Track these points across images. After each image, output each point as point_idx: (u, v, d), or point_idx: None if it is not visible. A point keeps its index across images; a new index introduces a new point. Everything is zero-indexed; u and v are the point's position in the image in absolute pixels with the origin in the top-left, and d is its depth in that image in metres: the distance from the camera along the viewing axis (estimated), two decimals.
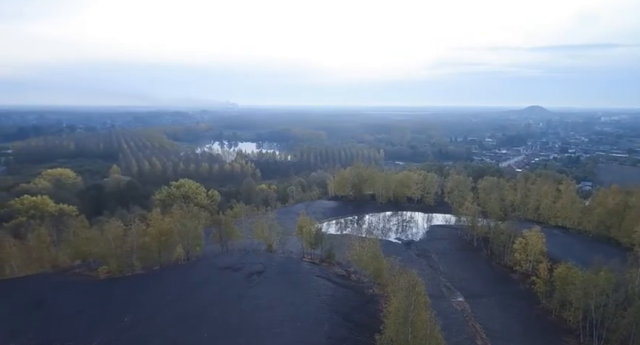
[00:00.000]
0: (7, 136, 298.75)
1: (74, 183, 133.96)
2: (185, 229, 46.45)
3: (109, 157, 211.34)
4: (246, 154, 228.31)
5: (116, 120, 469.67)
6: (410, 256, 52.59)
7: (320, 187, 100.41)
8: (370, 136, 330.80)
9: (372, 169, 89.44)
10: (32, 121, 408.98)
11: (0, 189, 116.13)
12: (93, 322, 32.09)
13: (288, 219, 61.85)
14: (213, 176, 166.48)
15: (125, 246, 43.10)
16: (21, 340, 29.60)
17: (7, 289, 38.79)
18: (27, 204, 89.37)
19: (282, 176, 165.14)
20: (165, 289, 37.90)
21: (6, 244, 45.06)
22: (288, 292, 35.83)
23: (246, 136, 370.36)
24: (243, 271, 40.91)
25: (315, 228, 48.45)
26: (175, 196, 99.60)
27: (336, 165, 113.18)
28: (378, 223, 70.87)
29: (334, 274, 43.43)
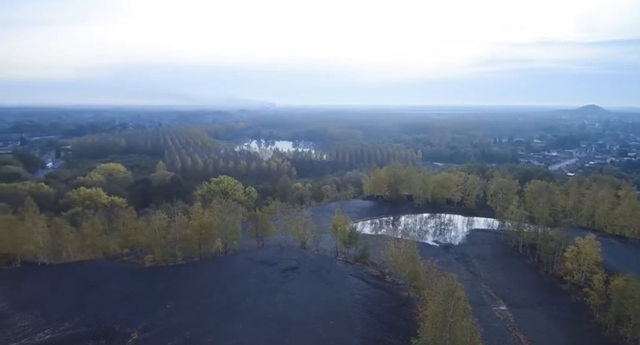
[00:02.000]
0: (66, 133, 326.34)
1: (124, 177, 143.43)
2: (224, 224, 48.04)
3: (156, 153, 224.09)
4: (282, 153, 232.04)
5: (163, 119, 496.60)
6: (448, 260, 50.64)
7: (355, 187, 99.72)
8: (408, 136, 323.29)
9: (409, 169, 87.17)
10: (89, 120, 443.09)
11: (60, 181, 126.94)
12: (138, 306, 34.06)
13: (322, 217, 61.99)
14: (250, 174, 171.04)
15: (168, 237, 45.37)
16: (75, 319, 32.06)
17: (65, 272, 42.26)
18: (83, 195, 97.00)
19: (317, 175, 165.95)
20: (204, 279, 39.37)
21: (64, 231, 49.12)
22: (321, 290, 35.82)
23: (283, 135, 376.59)
24: (277, 267, 41.52)
25: (349, 227, 48.12)
26: (215, 191, 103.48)
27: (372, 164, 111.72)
28: (415, 224, 68.99)
29: (368, 274, 42.82)
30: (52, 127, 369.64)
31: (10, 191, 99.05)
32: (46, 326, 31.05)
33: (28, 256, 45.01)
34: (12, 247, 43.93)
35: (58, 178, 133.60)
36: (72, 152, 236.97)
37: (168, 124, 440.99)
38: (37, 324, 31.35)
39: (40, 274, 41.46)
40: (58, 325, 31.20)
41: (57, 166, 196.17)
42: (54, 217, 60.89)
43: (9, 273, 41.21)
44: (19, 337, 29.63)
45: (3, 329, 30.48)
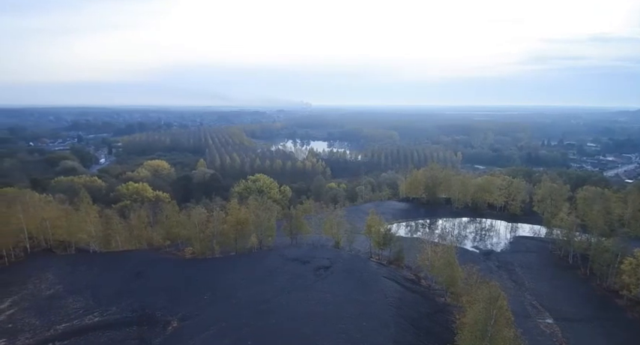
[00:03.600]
0: (118, 131, 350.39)
1: (168, 173, 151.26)
2: (259, 220, 49.03)
3: (197, 151, 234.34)
4: (317, 153, 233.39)
5: (204, 118, 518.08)
6: (489, 267, 48.19)
7: (390, 188, 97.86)
8: (447, 138, 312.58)
9: (447, 172, 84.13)
10: (138, 119, 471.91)
11: (111, 176, 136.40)
12: (178, 295, 35.61)
13: (356, 218, 61.46)
14: (285, 173, 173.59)
15: (207, 231, 47.05)
16: (122, 304, 34.14)
17: (113, 260, 45.16)
18: (131, 189, 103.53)
19: (351, 175, 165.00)
20: (240, 273, 40.36)
21: (113, 222, 52.62)
22: (354, 290, 35.39)
23: (318, 135, 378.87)
24: (311, 265, 41.62)
25: (384, 228, 47.22)
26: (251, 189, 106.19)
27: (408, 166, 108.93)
28: (453, 228, 66.36)
29: (403, 278, 41.77)
30: (105, 125, 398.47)
31: (67, 184, 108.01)
32: (96, 309, 33.33)
33: (82, 243, 48.66)
34: (68, 235, 47.76)
35: (110, 173, 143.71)
36: (122, 149, 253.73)
37: (209, 123, 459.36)
38: (88, 307, 33.74)
39: (92, 260, 44.59)
40: (106, 309, 33.37)
41: (109, 162, 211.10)
42: (105, 208, 65.31)
43: (65, 258, 44.75)
44: (71, 318, 32.06)
45: (58, 310, 33.13)
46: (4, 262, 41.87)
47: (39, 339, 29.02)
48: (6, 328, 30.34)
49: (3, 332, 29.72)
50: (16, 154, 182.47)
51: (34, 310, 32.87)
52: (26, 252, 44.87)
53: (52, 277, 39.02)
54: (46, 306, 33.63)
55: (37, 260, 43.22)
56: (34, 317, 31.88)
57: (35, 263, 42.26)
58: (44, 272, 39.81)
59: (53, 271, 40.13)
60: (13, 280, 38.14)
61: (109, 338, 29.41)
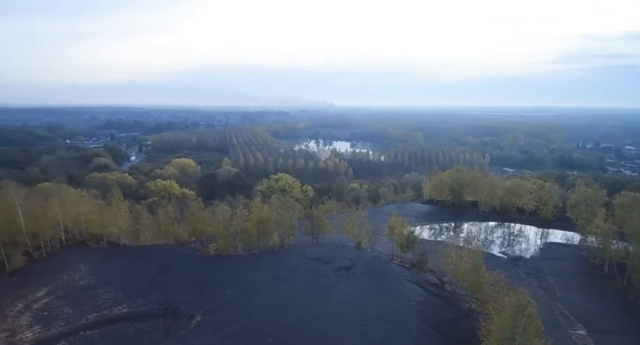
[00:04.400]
0: (147, 130, 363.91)
1: (194, 171, 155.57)
2: (281, 219, 49.44)
3: (222, 150, 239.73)
4: (339, 153, 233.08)
5: (230, 118, 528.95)
6: (517, 274, 46.27)
7: (414, 190, 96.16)
8: (474, 139, 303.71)
9: (474, 174, 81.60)
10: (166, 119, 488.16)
11: (140, 173, 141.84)
12: (202, 290, 36.46)
13: (378, 219, 60.71)
14: (308, 172, 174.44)
15: (231, 228, 47.93)
16: (149, 297, 35.34)
17: (141, 253, 46.88)
18: (159, 186, 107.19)
19: (374, 176, 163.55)
20: (262, 271, 40.83)
21: (142, 217, 54.66)
22: (375, 292, 34.98)
23: (341, 136, 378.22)
24: (332, 265, 41.50)
25: (407, 230, 46.46)
26: (274, 188, 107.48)
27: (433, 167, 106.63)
28: (479, 233, 64.35)
29: (426, 281, 40.87)
30: (137, 124, 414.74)
31: (100, 180, 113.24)
32: (125, 301, 34.67)
33: (113, 237, 50.80)
34: (100, 229, 50.00)
35: (139, 170, 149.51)
36: (151, 147, 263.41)
37: (234, 123, 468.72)
38: (117, 298, 35.15)
39: (122, 254, 46.45)
40: (134, 300, 34.65)
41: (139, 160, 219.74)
42: (135, 204, 67.92)
43: (97, 251, 46.87)
44: (102, 308, 33.51)
45: (89, 300, 34.72)
46: (41, 253, 44.38)
47: (72, 327, 30.51)
48: (42, 315, 32.11)
49: (39, 320, 31.47)
50: (55, 151, 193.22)
51: (68, 300, 34.61)
52: (62, 244, 47.34)
53: (84, 268, 40.96)
54: (78, 296, 35.34)
55: (71, 252, 45.50)
56: (67, 306, 33.56)
57: (70, 255, 44.51)
58: (78, 264, 41.84)
59: (86, 263, 42.12)
60: (49, 270, 40.33)
61: (137, 329, 30.52)
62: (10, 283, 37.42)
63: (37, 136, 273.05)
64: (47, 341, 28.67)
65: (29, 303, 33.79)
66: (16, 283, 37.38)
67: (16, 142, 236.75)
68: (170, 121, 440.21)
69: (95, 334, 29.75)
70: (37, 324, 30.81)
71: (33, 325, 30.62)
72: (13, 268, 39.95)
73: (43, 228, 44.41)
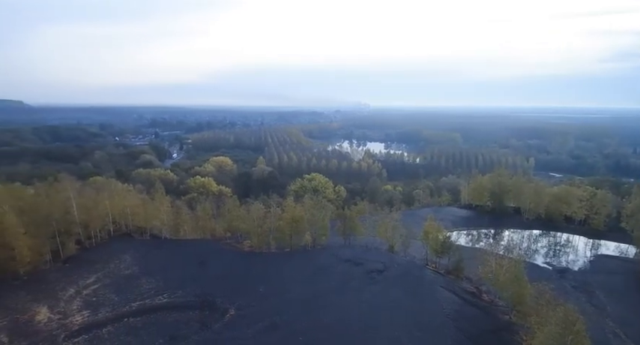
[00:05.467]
0: (188, 129, 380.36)
1: (231, 169, 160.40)
2: (314, 219, 49.72)
3: (258, 149, 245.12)
4: (373, 154, 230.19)
5: (265, 118, 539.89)
6: (563, 287, 43.23)
7: (451, 194, 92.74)
8: (517, 141, 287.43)
9: (518, 178, 77.30)
10: (206, 118, 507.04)
11: (181, 170, 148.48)
12: (236, 285, 37.48)
13: (412, 222, 59.26)
14: (341, 173, 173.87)
15: (264, 226, 48.90)
16: (187, 289, 36.88)
17: (181, 247, 49.09)
18: (198, 183, 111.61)
19: (408, 178, 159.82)
20: (294, 269, 41.28)
21: (182, 212, 57.30)
22: (408, 297, 34.15)
23: (375, 136, 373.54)
24: (364, 267, 41.08)
25: (443, 235, 44.88)
26: (307, 188, 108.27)
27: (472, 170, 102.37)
28: (521, 241, 60.87)
29: (462, 289, 39.29)
30: (179, 124, 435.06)
31: (145, 176, 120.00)
32: (165, 291, 36.44)
33: (155, 230, 53.61)
34: (144, 222, 52.96)
35: (180, 167, 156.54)
36: (192, 145, 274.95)
37: (269, 123, 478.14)
38: (158, 288, 37.02)
39: (163, 246, 48.90)
40: (174, 291, 36.31)
41: (180, 157, 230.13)
42: (175, 199, 71.29)
43: (141, 243, 49.67)
44: (144, 297, 35.45)
45: (133, 289, 36.85)
46: (91, 243, 47.77)
47: (117, 313, 32.55)
48: (91, 301, 34.54)
49: (88, 304, 33.87)
50: (105, 147, 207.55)
51: (114, 287, 36.95)
52: (110, 235, 50.69)
53: (129, 258, 43.57)
54: (123, 284, 37.63)
55: (118, 243, 48.60)
56: (113, 293, 35.84)
57: (117, 245, 47.56)
58: (124, 254, 44.59)
59: (131, 254, 44.78)
60: (98, 258, 43.33)
61: (175, 319, 31.97)
62: (63, 270, 40.63)
63: (90, 134, 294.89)
64: (95, 325, 30.77)
65: (80, 289, 36.48)
66: (68, 270, 40.53)
67: (71, 139, 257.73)
68: (209, 121, 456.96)
69: (138, 321, 31.54)
70: (86, 308, 33.18)
71: (82, 310, 33.01)
72: (66, 255, 43.37)
73: (93, 219, 47.82)
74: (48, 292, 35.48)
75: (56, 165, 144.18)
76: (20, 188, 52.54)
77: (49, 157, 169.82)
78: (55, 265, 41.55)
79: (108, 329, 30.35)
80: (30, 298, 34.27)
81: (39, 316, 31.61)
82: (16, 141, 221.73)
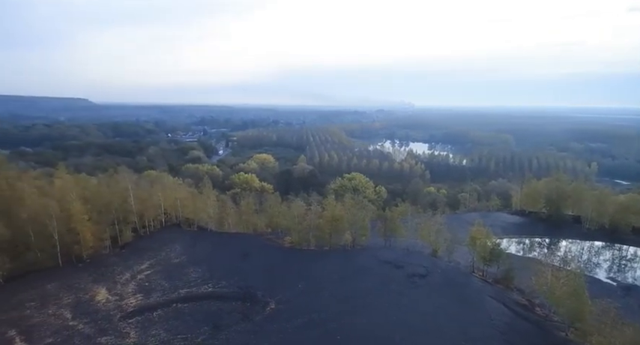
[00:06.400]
0: (234, 127, 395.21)
1: (273, 167, 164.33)
2: (354, 218, 49.23)
3: (299, 148, 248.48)
4: (416, 155, 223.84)
5: (307, 117, 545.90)
6: (629, 306, 38.89)
7: (501, 198, 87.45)
8: (578, 145, 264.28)
9: (578, 184, 71.02)
10: (251, 117, 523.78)
11: (226, 166, 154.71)
12: (276, 280, 38.13)
13: (458, 227, 56.59)
14: (382, 173, 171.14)
15: (305, 223, 49.32)
16: (230, 280, 38.18)
17: (225, 239, 51.02)
18: (241, 179, 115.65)
19: (453, 181, 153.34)
20: (333, 268, 41.14)
21: (227, 206, 59.54)
22: (452, 305, 32.60)
23: (419, 137, 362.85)
24: (404, 270, 39.93)
25: (492, 242, 42.33)
26: (347, 187, 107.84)
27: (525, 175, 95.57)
28: (581, 253, 55.88)
29: (512, 301, 36.80)
30: (225, 122, 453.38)
31: (193, 170, 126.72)
32: (210, 281, 38.03)
33: (201, 222, 56.22)
34: (192, 214, 55.78)
35: (225, 164, 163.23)
36: (237, 143, 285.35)
37: (311, 122, 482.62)
38: (204, 277, 38.72)
39: (209, 238, 51.12)
40: (218, 282, 37.78)
41: (225, 154, 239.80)
42: (220, 194, 74.31)
43: (189, 234, 52.34)
44: (191, 285, 37.25)
45: (181, 276, 38.88)
46: (145, 231, 51.20)
47: (166, 299, 34.51)
48: (144, 285, 36.96)
49: (142, 289, 36.27)
50: (159, 143, 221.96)
51: (164, 274, 39.25)
52: (162, 224, 53.99)
53: (179, 247, 46.09)
54: (173, 272, 39.85)
55: (168, 232, 51.63)
56: (164, 280, 38.07)
57: (168, 235, 50.53)
58: (174, 243, 47.27)
59: (180, 243, 47.35)
60: (151, 246, 46.33)
61: (218, 308, 33.21)
62: (120, 255, 43.96)
63: (146, 130, 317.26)
64: (147, 308, 32.86)
65: (135, 273, 39.21)
66: (125, 256, 43.78)
67: (130, 135, 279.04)
68: (254, 119, 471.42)
69: (185, 308, 33.21)
70: (139, 292, 35.56)
71: (136, 293, 35.42)
72: (124, 242, 46.90)
73: (148, 209, 51.26)
74: (107, 275, 38.56)
75: (116, 158, 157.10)
76: (85, 178, 57.77)
77: (111, 151, 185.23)
78: (114, 250, 45.09)
79: (158, 313, 32.26)
80: (91, 280, 37.46)
81: (98, 297, 34.42)
82: (82, 136, 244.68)
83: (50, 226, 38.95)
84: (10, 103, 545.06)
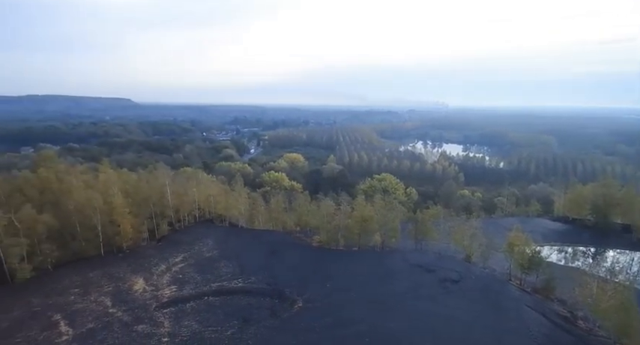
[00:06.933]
0: (265, 127, 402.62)
1: (302, 166, 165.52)
2: (384, 219, 48.39)
3: (329, 147, 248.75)
4: (450, 156, 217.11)
5: (337, 117, 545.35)
6: None
7: (541, 203, 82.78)
8: (627, 148, 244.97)
9: (629, 190, 65.66)
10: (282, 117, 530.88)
11: (257, 164, 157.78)
12: (304, 279, 38.24)
13: (494, 232, 54.23)
14: (413, 174, 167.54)
15: (334, 223, 49.19)
16: (259, 276, 38.77)
17: (255, 236, 51.96)
18: (272, 178, 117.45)
19: (489, 184, 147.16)
20: (361, 269, 40.69)
21: (258, 203, 60.65)
22: (488, 313, 31.16)
23: (453, 138, 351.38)
24: (435, 274, 38.75)
25: (531, 249, 40.03)
26: (376, 188, 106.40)
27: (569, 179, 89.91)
28: (630, 264, 51.62)
29: (552, 312, 34.62)
30: (257, 121, 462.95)
31: (226, 168, 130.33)
32: (240, 276, 38.83)
33: (233, 218, 57.63)
34: (224, 210, 57.33)
35: (256, 162, 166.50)
36: (268, 142, 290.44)
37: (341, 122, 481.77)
38: (234, 272, 39.61)
39: (240, 234, 52.30)
40: (248, 277, 38.49)
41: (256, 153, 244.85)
42: (251, 192, 75.81)
43: (221, 229, 53.83)
44: (222, 279, 38.22)
45: (213, 271, 39.99)
46: (180, 225, 53.23)
47: (198, 291, 35.62)
48: (178, 277, 38.38)
49: (176, 280, 37.68)
50: (194, 141, 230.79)
51: (197, 267, 40.56)
52: (196, 219, 55.92)
53: (211, 242, 47.50)
54: (205, 265, 41.10)
55: (202, 227, 53.37)
56: (196, 273, 39.34)
57: (201, 229, 52.24)
58: (206, 238, 48.78)
59: (212, 238, 48.78)
60: (185, 240, 48.08)
61: (248, 303, 33.81)
62: (157, 248, 45.96)
63: (183, 129, 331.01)
64: (180, 300, 34.07)
65: (170, 266, 40.83)
66: (161, 248, 45.72)
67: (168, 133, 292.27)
68: (284, 119, 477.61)
69: (216, 301, 34.11)
70: (173, 284, 36.96)
71: (171, 285, 36.84)
72: (160, 235, 49.00)
73: (183, 204, 53.28)
74: (144, 266, 40.43)
75: (155, 155, 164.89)
76: (127, 173, 60.90)
77: (150, 148, 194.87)
78: (151, 243, 47.23)
79: (191, 305, 33.36)
80: (130, 270, 39.43)
81: (136, 286, 36.14)
82: (124, 133, 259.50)
83: (94, 218, 41.45)
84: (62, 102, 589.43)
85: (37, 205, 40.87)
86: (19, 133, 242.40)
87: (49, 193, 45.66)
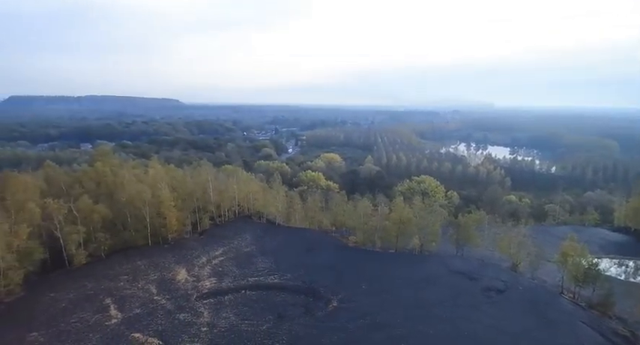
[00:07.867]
0: (303, 127, 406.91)
1: (339, 166, 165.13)
2: (424, 222, 46.87)
3: (366, 148, 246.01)
4: (495, 159, 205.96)
5: (376, 117, 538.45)
6: None
7: (599, 212, 75.96)
8: None
9: None
10: (321, 117, 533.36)
11: (295, 164, 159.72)
12: (339, 278, 37.98)
13: (544, 241, 50.71)
14: (454, 177, 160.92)
15: (370, 224, 48.47)
16: (294, 273, 39.06)
17: (292, 233, 52.55)
18: (309, 177, 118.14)
19: (539, 190, 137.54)
20: (398, 271, 39.67)
21: (295, 202, 61.26)
22: (536, 327, 29.01)
23: (499, 140, 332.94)
24: (478, 283, 36.82)
25: (588, 261, 36.79)
26: (415, 190, 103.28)
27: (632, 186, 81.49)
28: None
29: (610, 330, 31.52)
30: (295, 121, 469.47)
31: (265, 167, 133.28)
32: (276, 272, 39.39)
33: (270, 216, 58.65)
34: (262, 207, 58.51)
35: (294, 162, 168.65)
36: (305, 142, 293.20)
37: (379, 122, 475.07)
38: (270, 268, 40.26)
39: (277, 231, 53.11)
40: (283, 274, 38.94)
41: (294, 152, 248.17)
42: (288, 190, 76.73)
43: (259, 225, 55.01)
44: (259, 274, 38.99)
45: (250, 265, 40.94)
46: (221, 220, 55.11)
47: (236, 285, 36.62)
48: (218, 270, 39.71)
49: (216, 273, 39.01)
50: (235, 140, 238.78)
51: (235, 261, 41.73)
52: (235, 215, 57.63)
53: (249, 238, 48.69)
54: (243, 260, 42.19)
55: (241, 223, 54.87)
56: (234, 267, 40.48)
57: (240, 225, 53.72)
58: (245, 233, 50.08)
59: (251, 234, 50.00)
60: (225, 234, 49.69)
61: (283, 299, 34.18)
62: (199, 240, 47.92)
63: (225, 128, 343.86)
64: (219, 292, 35.22)
65: (210, 258, 42.38)
66: (203, 241, 47.60)
67: (211, 132, 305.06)
68: (322, 119, 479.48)
69: (253, 295, 34.86)
70: (213, 276, 38.30)
71: (211, 277, 38.20)
72: (202, 228, 51.07)
73: (224, 200, 55.13)
74: (187, 258, 42.31)
75: (199, 153, 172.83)
76: (173, 169, 64.25)
77: (195, 146, 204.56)
78: (193, 236, 49.36)
79: (229, 297, 34.36)
80: (174, 261, 41.43)
81: (179, 276, 37.89)
82: (172, 132, 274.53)
83: (143, 210, 44.05)
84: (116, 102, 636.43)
85: (93, 196, 44.31)
86: (79, 131, 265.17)
87: (104, 185, 49.29)
